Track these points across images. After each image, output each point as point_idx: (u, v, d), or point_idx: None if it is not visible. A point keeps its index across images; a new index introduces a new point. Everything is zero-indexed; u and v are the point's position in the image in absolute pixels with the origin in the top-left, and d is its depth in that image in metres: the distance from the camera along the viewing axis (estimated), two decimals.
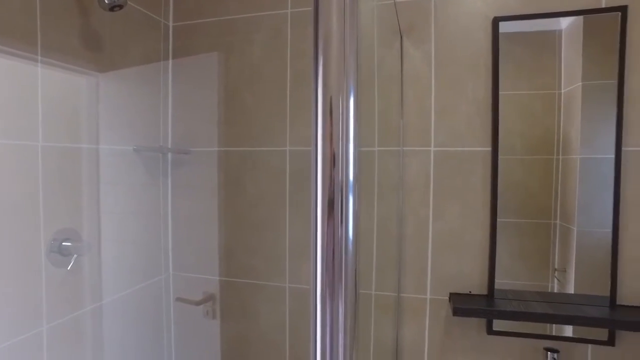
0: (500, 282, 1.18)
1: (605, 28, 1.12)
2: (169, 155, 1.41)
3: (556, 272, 1.19)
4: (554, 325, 1.16)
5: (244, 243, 1.36)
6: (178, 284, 1.45)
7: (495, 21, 1.17)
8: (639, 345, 1.12)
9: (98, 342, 1.18)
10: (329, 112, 0.47)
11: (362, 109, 1.34)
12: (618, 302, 1.13)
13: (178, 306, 1.45)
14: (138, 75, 1.31)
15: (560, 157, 1.17)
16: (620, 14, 1.10)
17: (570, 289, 1.17)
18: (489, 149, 1.18)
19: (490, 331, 1.19)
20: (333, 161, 0.47)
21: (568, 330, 1.16)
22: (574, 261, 1.16)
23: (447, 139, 1.20)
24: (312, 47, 0.49)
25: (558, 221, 1.18)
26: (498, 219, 1.18)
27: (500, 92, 1.18)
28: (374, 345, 1.26)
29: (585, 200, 1.14)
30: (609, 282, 1.12)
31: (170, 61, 1.42)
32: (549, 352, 1.12)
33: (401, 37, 1.23)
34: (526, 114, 1.18)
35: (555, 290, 1.18)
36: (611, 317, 1.06)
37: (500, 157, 1.18)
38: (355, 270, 0.52)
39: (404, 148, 1.22)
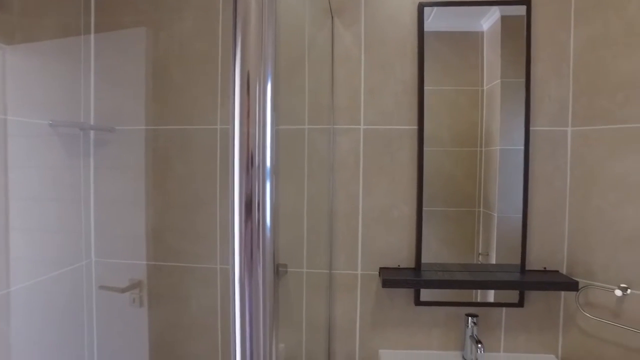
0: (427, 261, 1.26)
1: (519, 29, 1.24)
2: (91, 133, 1.34)
3: (480, 256, 1.29)
4: (475, 293, 1.26)
5: (173, 225, 1.33)
6: (101, 271, 1.38)
7: (421, 6, 1.25)
8: (542, 304, 1.26)
9: (3, 336, 1.09)
10: (246, 90, 0.48)
11: (293, 88, 1.36)
12: (527, 268, 1.24)
13: (101, 295, 1.38)
14: (54, 48, 1.23)
15: (484, 149, 1.27)
16: (525, 7, 1.22)
17: (498, 293, 1.27)
18: (416, 127, 1.25)
19: (417, 302, 1.26)
20: (248, 139, 0.48)
21: (486, 297, 1.26)
22: (495, 245, 1.27)
23: (376, 118, 1.26)
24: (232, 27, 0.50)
25: (481, 209, 1.28)
26: (427, 208, 1.26)
27: (429, 88, 1.25)
28: (307, 323, 1.29)
29: (504, 188, 1.25)
30: (520, 258, 1.24)
31: (92, 35, 1.36)
32: (469, 317, 1.21)
33: (332, 18, 1.27)
34: (453, 108, 1.27)
35: (487, 296, 1.28)
36: (520, 280, 1.17)
37: (429, 149, 1.26)
38: (274, 251, 0.52)
39: (335, 126, 1.26)
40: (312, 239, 1.27)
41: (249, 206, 0.49)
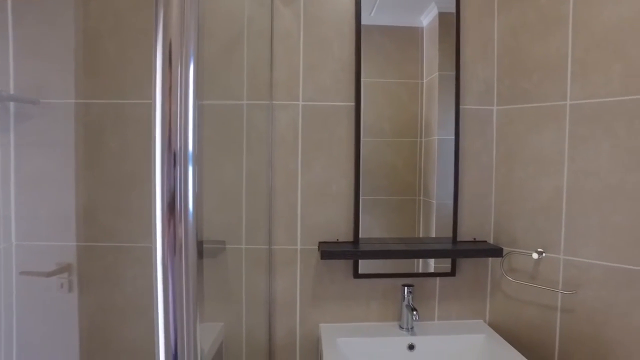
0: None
1: (455, 25, 1.33)
2: (11, 105, 1.28)
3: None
4: (410, 265, 1.33)
5: (107, 203, 1.30)
6: (23, 255, 1.31)
7: None
8: (472, 273, 1.36)
9: None
10: (168, 64, 0.46)
11: (231, 63, 1.37)
12: (458, 239, 1.34)
13: (23, 281, 1.31)
14: None
15: (423, 139, 1.35)
16: None
17: (433, 264, 1.35)
18: (353, 104, 1.30)
19: (356, 275, 1.31)
20: (170, 112, 0.46)
21: (421, 268, 1.34)
22: (434, 231, 1.35)
23: (314, 94, 1.30)
24: None
25: (422, 197, 1.36)
26: (370, 197, 1.32)
27: (371, 80, 1.32)
28: (247, 299, 1.30)
29: (442, 176, 1.34)
30: (452, 230, 1.33)
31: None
32: (405, 287, 1.27)
33: None
34: (394, 100, 1.33)
35: (422, 268, 1.35)
36: (452, 249, 1.25)
37: (371, 139, 1.32)
38: (197, 231, 0.51)
39: (274, 102, 1.29)
40: (251, 215, 1.29)
41: (171, 185, 0.48)
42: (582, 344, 1.18)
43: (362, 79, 1.31)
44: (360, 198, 1.31)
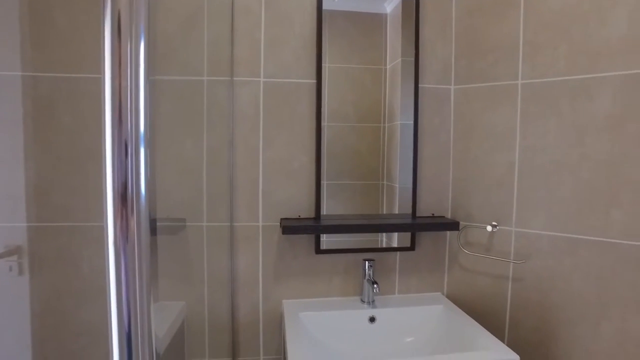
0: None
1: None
2: None
3: (384, 237, 1.41)
4: (371, 240, 1.37)
5: (61, 181, 1.26)
6: None
7: None
8: (430, 247, 1.42)
9: None
10: (117, 37, 0.44)
11: (194, 38, 1.36)
12: (418, 215, 1.39)
13: None
14: None
15: (386, 124, 1.39)
16: None
17: (394, 242, 1.40)
18: (314, 81, 1.32)
19: (318, 251, 1.34)
20: (121, 89, 0.45)
21: (382, 243, 1.39)
22: (396, 211, 1.39)
23: (276, 71, 1.31)
24: None
25: (385, 182, 1.40)
26: (334, 182, 1.35)
27: (335, 65, 1.34)
28: (209, 277, 1.30)
29: (404, 160, 1.38)
30: (412, 206, 1.38)
31: None
32: (366, 262, 1.31)
33: None
34: (358, 86, 1.36)
35: (384, 245, 1.40)
36: (411, 223, 1.30)
37: (335, 124, 1.35)
38: (149, 207, 0.50)
39: (235, 78, 1.29)
40: (212, 192, 1.29)
41: (123, 164, 0.47)
42: (530, 310, 1.27)
43: (327, 64, 1.33)
44: (325, 182, 1.33)
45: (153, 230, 0.54)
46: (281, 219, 1.32)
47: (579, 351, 1.20)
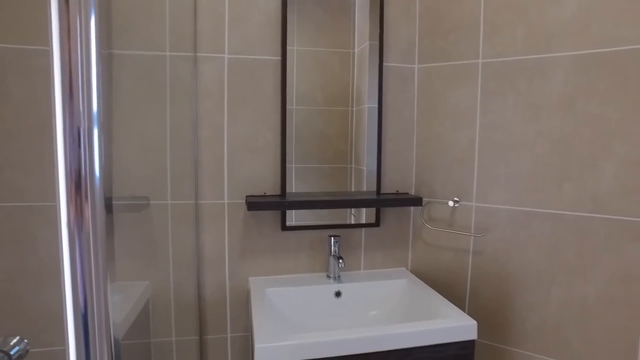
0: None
1: None
2: None
3: (352, 215, 1.44)
4: (337, 216, 1.40)
5: (12, 160, 1.22)
6: None
7: None
8: (395, 223, 1.47)
9: None
10: (65, 4, 0.41)
11: (155, 12, 1.33)
12: (382, 192, 1.43)
13: None
14: None
15: (354, 108, 1.41)
16: None
17: (362, 219, 1.44)
18: (279, 58, 1.33)
19: (284, 227, 1.36)
20: (70, 62, 0.40)
21: (348, 220, 1.42)
22: (373, 210, 1.42)
23: (240, 47, 1.30)
24: None
25: (353, 165, 1.42)
26: (302, 165, 1.37)
27: (303, 48, 1.34)
28: (174, 256, 1.30)
29: (371, 144, 1.41)
30: (376, 182, 1.42)
31: None
32: (332, 238, 1.35)
33: None
34: (326, 69, 1.37)
35: (352, 222, 1.43)
36: (375, 199, 1.34)
37: (303, 107, 1.36)
38: (104, 186, 0.50)
39: (198, 54, 1.28)
40: (176, 170, 1.28)
41: (74, 143, 0.44)
42: (489, 280, 1.34)
43: (295, 47, 1.34)
44: (294, 165, 1.35)
45: (109, 208, 0.54)
46: (246, 197, 1.33)
47: (532, 316, 1.28)
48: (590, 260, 1.19)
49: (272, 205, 1.25)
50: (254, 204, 1.23)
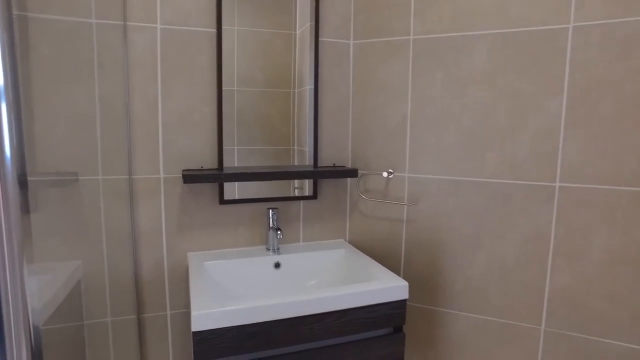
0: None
1: None
2: None
3: (296, 190, 1.46)
4: (276, 189, 1.43)
5: None
6: None
7: None
8: (332, 196, 1.53)
9: None
10: None
11: None
12: (319, 165, 1.48)
13: None
14: None
15: (296, 90, 1.43)
16: None
17: (304, 192, 1.48)
18: (214, 30, 1.32)
19: (222, 201, 1.37)
20: None
21: (286, 193, 1.45)
22: (310, 183, 1.45)
23: (173, 17, 1.28)
24: None
25: (296, 146, 1.45)
26: (245, 147, 1.38)
27: (244, 28, 1.34)
28: (107, 233, 1.27)
29: (312, 122, 1.44)
30: (313, 155, 1.46)
31: None
32: (270, 210, 1.37)
33: None
34: (268, 50, 1.38)
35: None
36: (312, 170, 1.38)
37: (244, 89, 1.36)
38: (17, 162, 0.47)
39: (128, 23, 1.24)
40: (107, 144, 1.25)
41: None
42: (421, 247, 1.43)
43: (236, 27, 1.33)
44: (236, 147, 1.36)
45: (23, 184, 0.51)
46: (183, 171, 1.32)
47: (460, 278, 1.39)
48: (509, 223, 1.31)
49: (209, 177, 1.25)
50: (190, 176, 1.23)
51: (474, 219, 1.35)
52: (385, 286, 1.13)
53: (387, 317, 1.14)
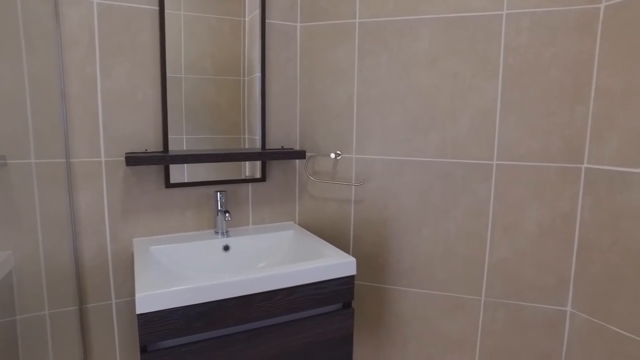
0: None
1: None
2: None
3: (247, 177, 1.45)
4: (223, 172, 1.42)
5: None
6: None
7: None
8: (281, 179, 1.55)
9: None
10: None
11: None
12: (267, 148, 1.48)
13: None
14: None
15: (246, 78, 1.41)
16: None
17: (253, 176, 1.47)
18: (157, 7, 1.28)
19: (168, 184, 1.34)
20: None
21: (234, 175, 1.44)
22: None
23: None
24: None
25: (246, 135, 1.43)
26: (193, 136, 1.36)
27: (192, 14, 1.31)
28: (42, 220, 1.22)
29: (260, 107, 1.43)
30: (260, 137, 1.46)
31: None
32: (218, 193, 1.36)
33: None
34: (217, 37, 1.35)
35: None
36: (260, 152, 1.39)
37: (193, 76, 1.33)
38: None
39: None
40: (40, 126, 1.18)
41: None
42: (369, 226, 1.48)
43: (182, 12, 1.30)
44: (185, 136, 1.33)
45: None
46: (126, 154, 1.28)
47: (407, 255, 1.45)
48: (451, 201, 1.38)
49: (153, 159, 1.22)
50: (133, 158, 1.20)
51: (419, 198, 1.41)
52: (333, 262, 1.16)
53: (336, 293, 1.18)
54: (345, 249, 1.52)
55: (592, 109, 1.25)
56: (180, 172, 1.36)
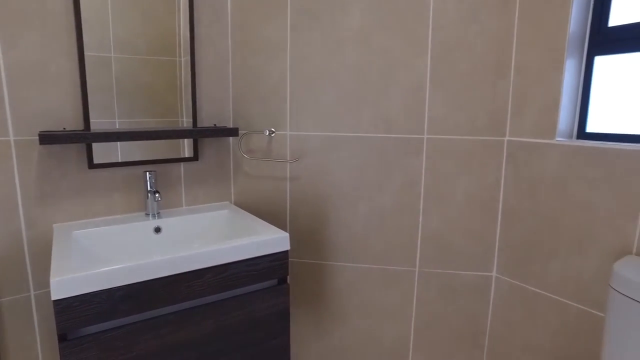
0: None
1: None
2: None
3: (186, 149, 1.39)
4: (153, 151, 1.36)
5: None
6: None
7: None
8: (215, 158, 1.51)
9: None
10: None
11: None
12: (199, 126, 1.44)
13: None
14: None
15: (182, 58, 1.34)
16: None
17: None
18: None
19: (92, 165, 1.27)
20: None
21: (164, 154, 1.39)
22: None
23: None
24: None
25: (184, 119, 1.37)
26: (126, 120, 1.29)
27: None
28: None
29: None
30: (192, 114, 1.41)
31: None
32: (147, 173, 1.30)
33: None
34: (149, 15, 1.27)
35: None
36: (190, 129, 1.34)
37: (124, 56, 1.25)
38: None
39: None
40: None
41: None
42: (306, 202, 1.48)
43: None
44: (117, 120, 1.24)
45: None
46: (40, 133, 1.19)
47: (343, 229, 1.47)
48: (385, 175, 1.42)
49: (71, 137, 1.14)
50: (48, 137, 1.11)
51: (354, 173, 1.43)
52: (265, 238, 1.15)
53: (270, 269, 1.17)
54: (283, 227, 1.52)
55: (512, 84, 1.32)
56: (107, 153, 1.29)
